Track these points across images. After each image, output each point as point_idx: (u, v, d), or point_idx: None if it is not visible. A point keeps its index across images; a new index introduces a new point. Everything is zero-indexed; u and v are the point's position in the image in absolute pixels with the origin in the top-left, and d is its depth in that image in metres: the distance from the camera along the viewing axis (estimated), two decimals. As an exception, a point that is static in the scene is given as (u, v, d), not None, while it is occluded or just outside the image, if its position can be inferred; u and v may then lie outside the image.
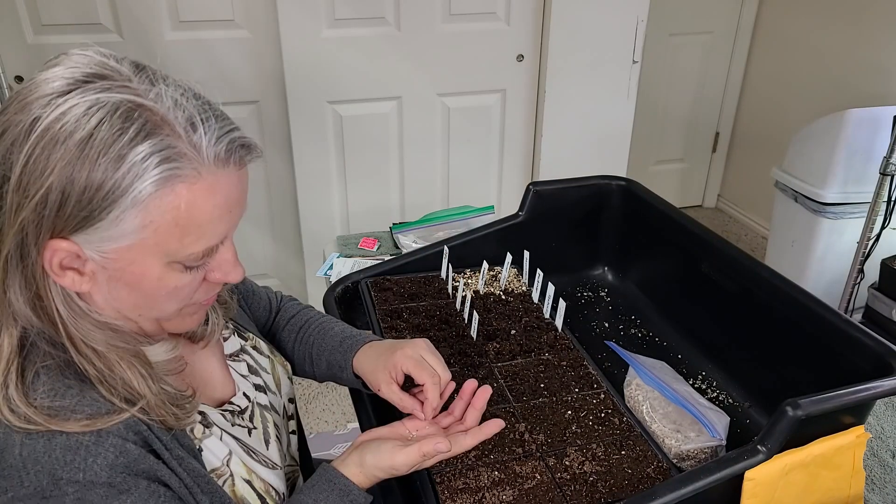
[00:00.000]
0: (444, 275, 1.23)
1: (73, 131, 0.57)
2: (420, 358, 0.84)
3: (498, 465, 0.83)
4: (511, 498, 0.79)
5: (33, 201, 0.58)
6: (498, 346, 1.05)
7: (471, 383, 0.86)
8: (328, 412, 2.24)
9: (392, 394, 0.84)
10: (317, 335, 0.98)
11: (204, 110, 0.63)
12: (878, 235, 2.09)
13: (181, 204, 0.61)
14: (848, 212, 2.24)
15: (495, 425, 0.81)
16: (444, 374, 0.84)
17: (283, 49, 2.10)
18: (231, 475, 0.74)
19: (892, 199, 2.04)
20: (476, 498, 0.79)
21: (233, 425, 0.78)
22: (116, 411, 0.63)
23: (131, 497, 0.62)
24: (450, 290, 1.20)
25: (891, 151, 1.97)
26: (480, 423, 0.83)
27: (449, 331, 1.09)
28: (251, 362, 0.89)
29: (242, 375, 0.86)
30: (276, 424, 0.87)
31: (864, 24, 2.59)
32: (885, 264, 2.15)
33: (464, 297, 1.14)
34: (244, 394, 0.84)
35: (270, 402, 0.88)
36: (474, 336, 1.07)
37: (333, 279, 1.30)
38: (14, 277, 0.62)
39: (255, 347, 0.92)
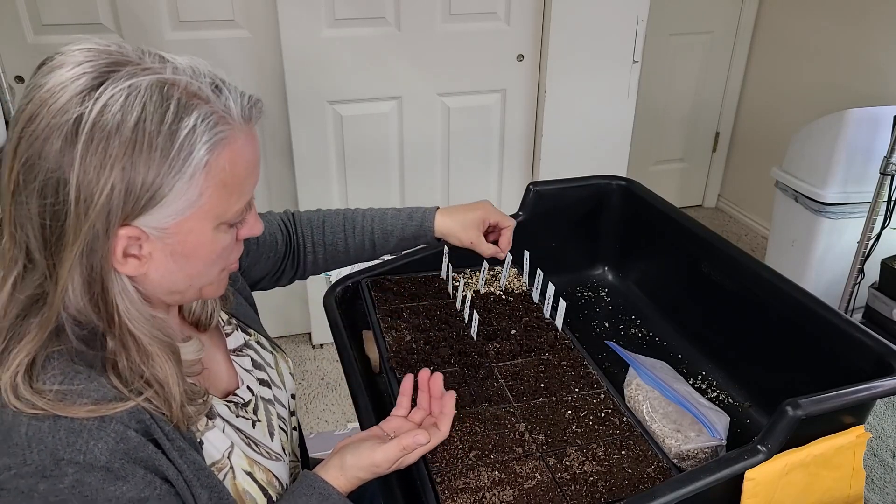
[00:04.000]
0: (444, 275, 1.23)
1: (122, 121, 0.58)
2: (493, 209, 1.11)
3: (498, 465, 0.83)
4: (511, 498, 0.79)
5: (101, 197, 0.59)
6: (498, 345, 1.05)
7: (424, 373, 0.89)
8: (328, 412, 2.24)
9: (482, 245, 1.10)
10: (373, 221, 1.14)
11: (215, 74, 0.66)
12: (878, 235, 2.09)
13: (226, 165, 0.64)
14: (848, 212, 2.24)
15: (450, 398, 0.85)
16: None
17: (283, 49, 2.09)
18: (231, 468, 0.74)
19: (892, 198, 2.04)
20: (476, 498, 0.79)
21: (237, 416, 0.79)
22: (121, 399, 0.64)
23: (128, 484, 0.62)
24: (450, 290, 1.20)
25: (891, 151, 1.97)
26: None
27: (449, 331, 1.09)
28: (255, 357, 0.90)
29: (246, 370, 0.86)
30: (280, 417, 0.87)
31: (864, 25, 2.59)
32: (885, 264, 2.15)
33: (464, 297, 1.14)
34: (248, 387, 0.84)
35: (275, 396, 0.89)
36: (474, 336, 1.07)
37: (333, 279, 1.30)
38: (77, 274, 0.63)
39: (258, 343, 0.92)
